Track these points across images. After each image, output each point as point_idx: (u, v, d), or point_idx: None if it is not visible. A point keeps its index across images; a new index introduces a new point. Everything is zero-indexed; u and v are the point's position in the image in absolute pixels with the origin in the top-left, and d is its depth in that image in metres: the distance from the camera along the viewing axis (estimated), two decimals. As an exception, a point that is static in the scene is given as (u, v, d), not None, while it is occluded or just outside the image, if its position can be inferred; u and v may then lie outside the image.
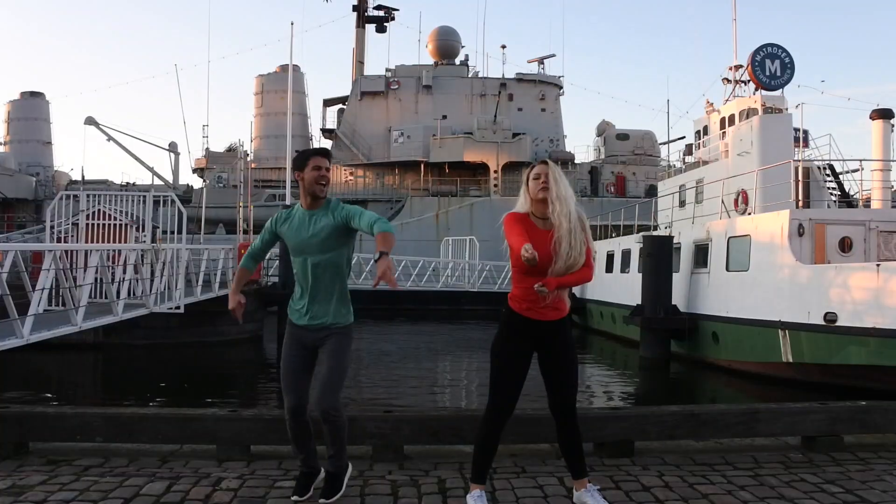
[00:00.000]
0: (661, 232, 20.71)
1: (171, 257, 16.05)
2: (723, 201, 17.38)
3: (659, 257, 17.28)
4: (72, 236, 18.16)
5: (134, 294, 14.50)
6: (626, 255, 21.82)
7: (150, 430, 4.83)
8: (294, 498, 3.95)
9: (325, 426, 3.91)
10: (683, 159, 27.33)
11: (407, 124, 44.56)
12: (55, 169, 49.88)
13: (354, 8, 50.37)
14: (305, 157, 4.10)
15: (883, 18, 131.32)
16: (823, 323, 12.66)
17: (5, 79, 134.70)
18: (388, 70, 47.37)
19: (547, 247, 3.70)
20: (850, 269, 12.75)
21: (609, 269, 23.62)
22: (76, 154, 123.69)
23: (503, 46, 59.17)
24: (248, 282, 4.71)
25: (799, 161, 16.16)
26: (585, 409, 8.29)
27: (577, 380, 3.98)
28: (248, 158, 43.03)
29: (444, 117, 44.31)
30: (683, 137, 35.95)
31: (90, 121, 45.00)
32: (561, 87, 47.59)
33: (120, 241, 17.81)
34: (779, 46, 21.63)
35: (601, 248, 25.11)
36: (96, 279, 13.15)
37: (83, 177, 46.34)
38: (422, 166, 43.31)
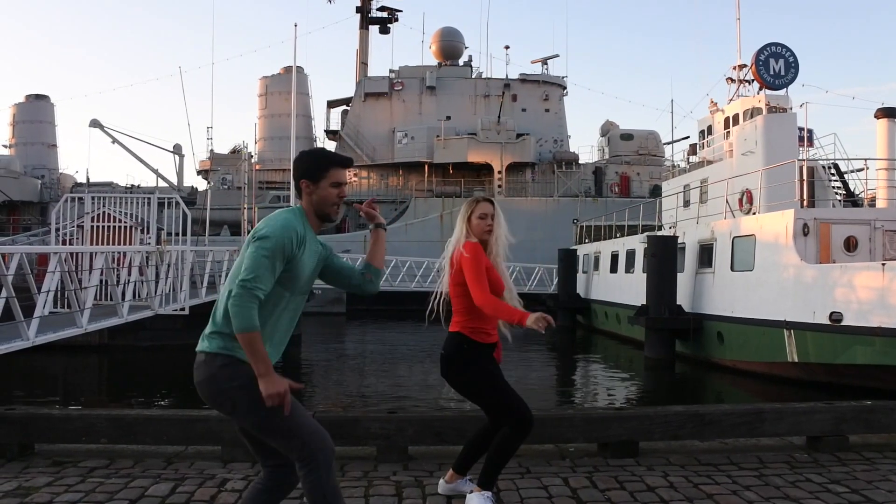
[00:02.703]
0: (665, 232, 20.67)
1: (175, 259, 16.08)
2: (727, 201, 17.34)
3: (663, 257, 17.26)
4: (77, 238, 18.21)
5: (139, 296, 14.52)
6: (631, 255, 21.79)
7: (155, 432, 4.85)
8: None
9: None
10: (688, 159, 27.27)
11: (411, 125, 44.58)
12: (60, 171, 50.04)
13: (358, 9, 50.42)
14: (324, 164, 3.08)
15: (887, 17, 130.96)
16: (829, 322, 12.62)
17: (10, 82, 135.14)
18: (391, 71, 47.41)
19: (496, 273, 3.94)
20: (855, 269, 12.71)
21: (613, 269, 23.60)
22: (81, 156, 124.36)
23: (507, 47, 59.43)
24: None
25: (803, 160, 16.10)
26: (590, 409, 8.29)
27: None
28: (253, 160, 43.15)
29: (448, 118, 44.32)
30: (688, 137, 35.89)
31: (95, 123, 45.15)
32: (564, 88, 47.56)
33: (125, 244, 17.85)
34: (783, 46, 21.60)
35: (605, 248, 25.09)
36: (101, 281, 13.19)
37: (88, 179, 46.51)
38: (426, 167, 43.33)
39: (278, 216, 2.98)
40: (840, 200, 18.38)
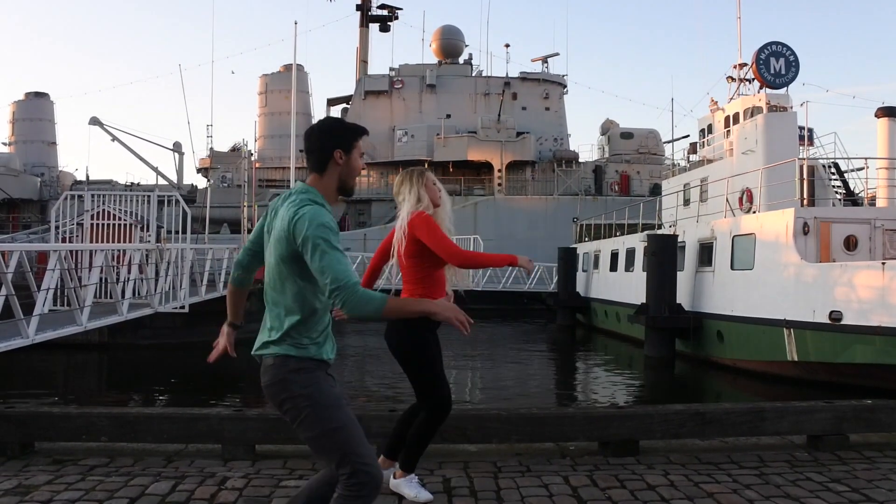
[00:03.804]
0: (665, 231, 20.67)
1: (175, 257, 16.06)
2: (727, 200, 17.33)
3: (663, 256, 17.25)
4: (77, 236, 18.20)
5: (139, 294, 14.52)
6: (631, 253, 21.79)
7: (156, 430, 4.84)
8: None
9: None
10: (688, 158, 27.25)
11: (411, 123, 44.57)
12: (60, 169, 50.02)
13: (358, 7, 50.39)
14: (356, 133, 2.86)
15: (888, 16, 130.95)
16: (829, 321, 12.62)
17: (10, 80, 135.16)
18: (391, 69, 47.39)
19: None
20: (855, 268, 12.71)
21: (613, 267, 23.60)
22: (81, 154, 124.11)
23: (507, 45, 59.51)
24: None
25: (804, 159, 16.09)
26: (590, 407, 8.31)
27: None
28: (252, 158, 43.10)
29: (448, 116, 44.29)
30: (688, 136, 35.95)
31: (94, 121, 45.14)
32: (565, 86, 47.54)
33: (125, 241, 17.84)
34: (783, 44, 21.60)
35: (605, 247, 25.09)
36: (101, 279, 13.18)
37: (88, 177, 46.53)
38: (426, 165, 43.24)
39: (311, 208, 2.66)
40: (840, 199, 18.39)
